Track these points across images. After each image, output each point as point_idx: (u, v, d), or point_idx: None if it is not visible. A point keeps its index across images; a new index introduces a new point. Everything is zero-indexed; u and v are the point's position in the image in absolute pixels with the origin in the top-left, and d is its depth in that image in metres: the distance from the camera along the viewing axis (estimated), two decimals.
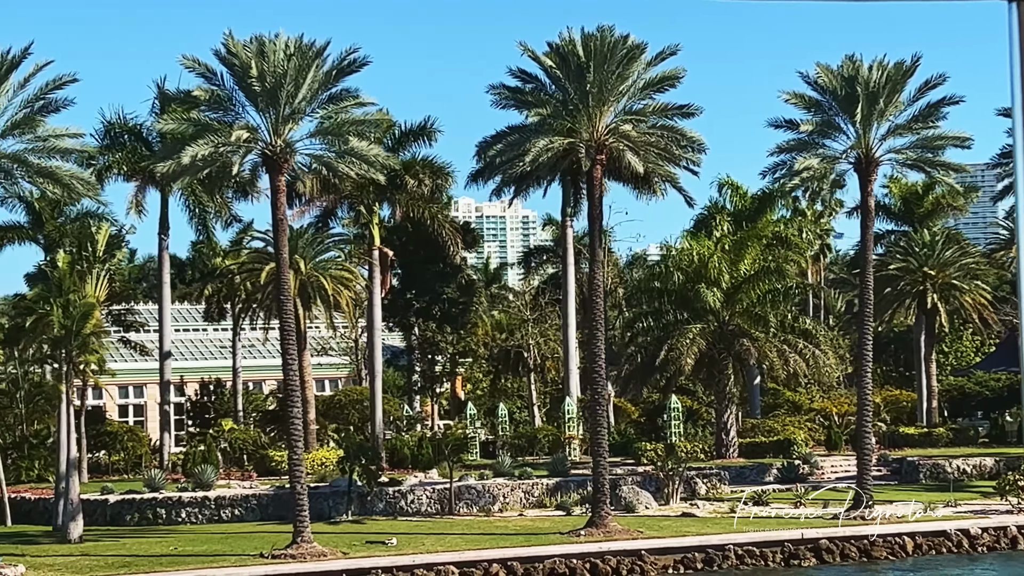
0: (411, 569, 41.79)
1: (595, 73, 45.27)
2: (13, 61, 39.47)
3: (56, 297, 48.48)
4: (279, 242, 43.46)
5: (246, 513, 53.01)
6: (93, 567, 41.18)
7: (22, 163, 39.72)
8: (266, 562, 41.90)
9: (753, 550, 45.13)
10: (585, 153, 45.52)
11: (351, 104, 43.42)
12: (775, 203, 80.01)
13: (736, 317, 63.65)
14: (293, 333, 43.83)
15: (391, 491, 53.74)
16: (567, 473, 57.50)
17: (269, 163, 42.94)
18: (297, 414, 43.73)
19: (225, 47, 42.46)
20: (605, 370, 47.73)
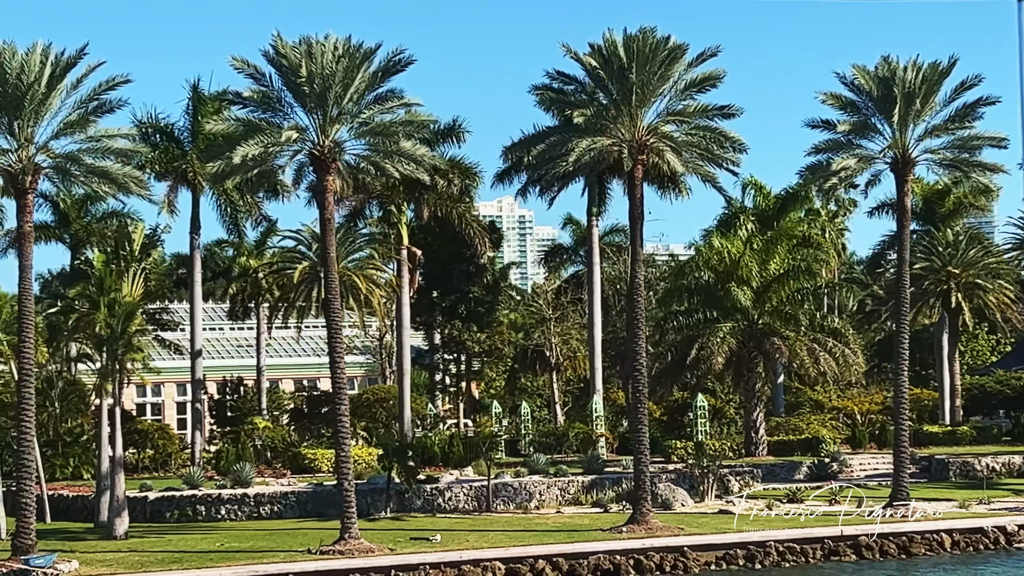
0: (458, 565, 42.15)
1: (637, 74, 45.68)
2: (69, 62, 39.85)
3: (98, 296, 48.83)
4: (327, 241, 43.85)
5: (285, 510, 53.42)
6: (145, 563, 41.57)
7: (78, 162, 40.14)
8: (315, 558, 42.28)
9: (794, 547, 45.49)
10: (628, 153, 45.91)
11: (396, 104, 43.80)
12: (799, 203, 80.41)
13: (765, 316, 64.08)
14: (341, 331, 44.17)
15: (428, 488, 54.15)
16: (601, 470, 57.95)
17: (317, 163, 43.34)
18: (345, 412, 44.18)
19: (274, 48, 42.86)
20: (644, 368, 48.02)
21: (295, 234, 67.58)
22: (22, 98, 39.47)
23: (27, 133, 39.92)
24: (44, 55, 39.90)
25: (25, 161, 39.91)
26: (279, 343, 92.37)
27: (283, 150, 42.91)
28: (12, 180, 40.15)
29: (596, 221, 77.29)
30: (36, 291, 68.16)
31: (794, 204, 79.90)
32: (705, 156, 46.55)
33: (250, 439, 64.70)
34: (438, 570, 41.80)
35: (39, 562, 39.10)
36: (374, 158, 43.32)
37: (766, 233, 71.44)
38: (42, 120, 40.26)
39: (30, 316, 40.59)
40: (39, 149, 40.26)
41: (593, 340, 76.37)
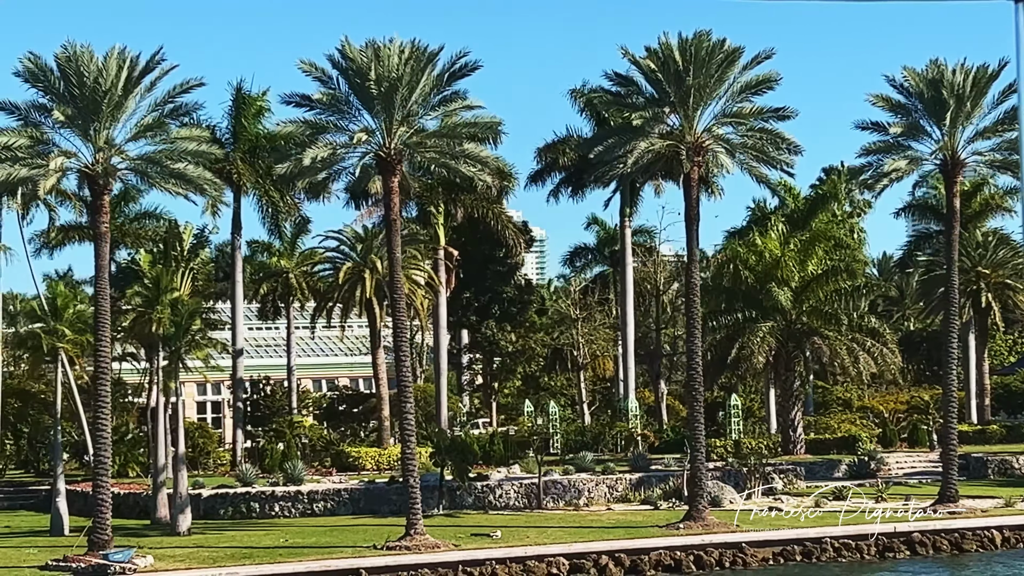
0: (523, 560, 42.82)
1: (694, 77, 46.37)
2: (147, 66, 40.48)
3: (155, 295, 49.45)
4: (392, 242, 44.49)
5: (338, 507, 54.09)
6: (216, 558, 42.21)
7: (157, 164, 40.80)
8: (382, 553, 42.94)
9: (849, 543, 46.19)
10: (686, 155, 46.61)
11: (460, 107, 44.48)
12: (828, 204, 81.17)
13: (804, 315, 64.79)
14: (407, 331, 44.79)
15: (479, 486, 54.85)
16: (647, 468, 58.66)
17: (383, 165, 44.00)
18: (410, 409, 44.73)
19: (341, 52, 43.52)
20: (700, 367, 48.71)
21: (337, 234, 68.27)
22: (100, 101, 40.12)
23: (104, 135, 40.56)
24: (120, 59, 40.56)
25: (102, 163, 40.56)
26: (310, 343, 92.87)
27: (350, 152, 43.55)
28: (89, 181, 40.82)
29: (628, 222, 78.25)
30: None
31: (823, 205, 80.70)
32: (760, 158, 47.22)
33: (296, 438, 65.26)
34: (504, 565, 42.46)
35: (118, 557, 39.74)
36: (442, 160, 43.99)
37: (796, 234, 72.15)
38: (117, 123, 40.90)
39: (106, 315, 41.23)
40: (115, 151, 40.88)
41: (626, 340, 77.20)
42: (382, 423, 66.50)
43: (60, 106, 39.89)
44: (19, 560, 42.76)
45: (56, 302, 49.04)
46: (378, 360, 67.04)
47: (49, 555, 43.12)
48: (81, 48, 40.17)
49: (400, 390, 45.32)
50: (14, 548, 45.85)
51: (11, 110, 41.16)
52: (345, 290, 66.12)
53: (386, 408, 66.58)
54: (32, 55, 40.49)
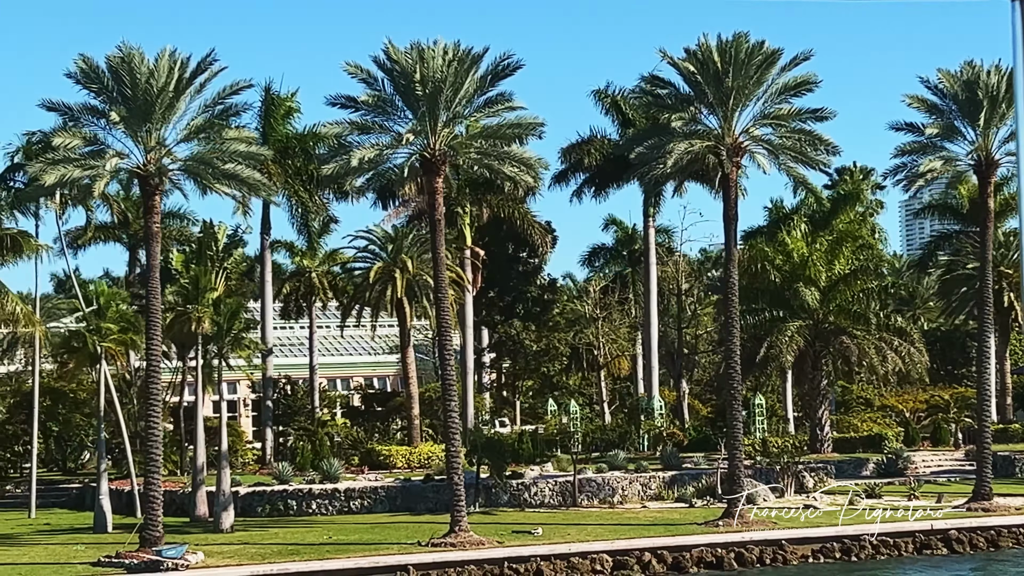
0: (567, 557, 43.23)
1: (733, 78, 46.82)
2: (198, 67, 40.92)
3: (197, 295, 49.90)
4: (436, 242, 44.94)
5: (374, 504, 54.54)
6: (264, 554, 42.63)
7: (210, 165, 41.22)
8: (428, 550, 43.36)
9: (887, 540, 46.63)
10: (726, 156, 47.04)
11: (503, 108, 44.91)
12: (851, 204, 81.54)
13: (831, 315, 65.24)
14: (451, 329, 45.21)
15: (515, 484, 55.27)
16: (679, 467, 59.10)
17: (427, 165, 44.44)
18: (454, 408, 45.19)
19: (386, 53, 43.99)
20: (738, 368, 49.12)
21: (367, 234, 68.69)
22: (152, 103, 40.56)
23: (156, 137, 41.01)
24: (171, 61, 40.99)
25: (155, 164, 40.99)
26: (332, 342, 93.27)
27: (395, 153, 44.01)
28: (141, 182, 41.25)
29: (652, 222, 78.65)
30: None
31: (845, 205, 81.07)
32: (799, 158, 47.65)
33: (329, 437, 65.68)
34: (548, 562, 42.87)
35: (171, 553, 40.17)
36: (486, 161, 44.44)
37: (820, 234, 72.59)
38: (168, 124, 41.34)
39: (157, 314, 41.66)
40: (166, 152, 41.33)
41: (649, 339, 77.60)
42: (412, 422, 66.91)
43: (116, 107, 40.29)
44: (68, 556, 43.19)
45: (101, 301, 49.38)
46: (408, 359, 67.44)
47: (97, 552, 43.59)
48: (133, 50, 40.58)
49: (444, 389, 45.74)
50: (61, 545, 46.33)
51: (64, 111, 41.59)
52: (376, 290, 66.49)
53: (416, 407, 67.00)
54: (84, 57, 40.96)
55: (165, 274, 75.28)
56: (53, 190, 41.47)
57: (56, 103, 41.44)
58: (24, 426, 68.53)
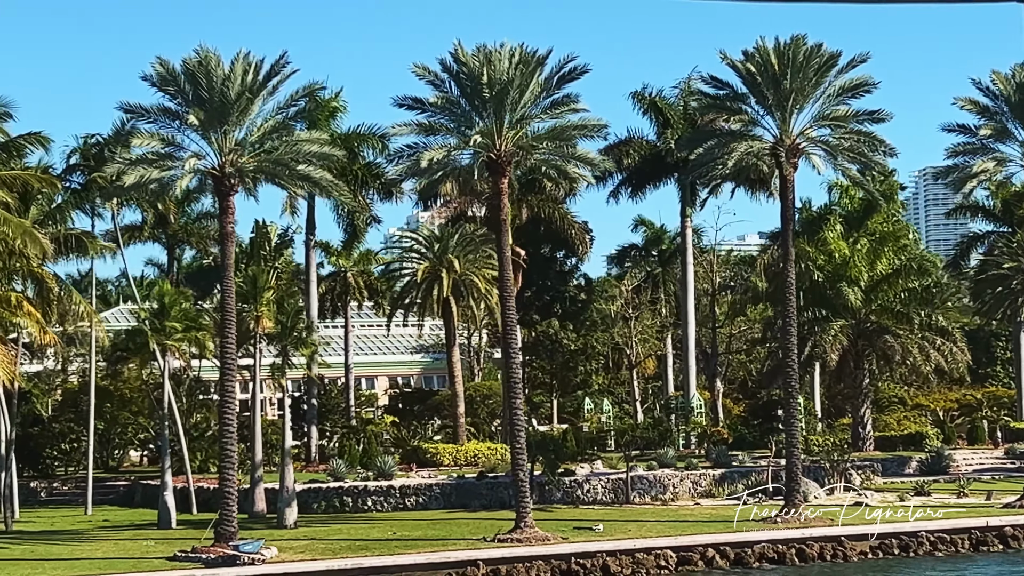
0: (632, 553, 43.83)
1: (791, 80, 47.41)
2: (272, 70, 41.54)
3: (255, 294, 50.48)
4: (501, 242, 45.56)
5: (429, 501, 55.17)
6: (335, 549, 43.24)
7: (286, 166, 41.84)
8: (496, 545, 43.94)
9: (944, 536, 47.19)
10: (785, 157, 47.65)
11: (567, 110, 45.50)
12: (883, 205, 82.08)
13: (873, 314, 65.83)
14: (515, 328, 45.82)
15: (567, 481, 55.88)
16: (728, 464, 59.69)
17: (492, 166, 45.05)
18: (520, 405, 45.79)
19: (453, 56, 44.60)
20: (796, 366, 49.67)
21: (413, 234, 69.27)
22: (228, 105, 41.18)
23: (232, 138, 41.64)
24: (246, 63, 41.62)
25: (230, 165, 41.63)
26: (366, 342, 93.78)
27: (462, 154, 44.63)
28: (216, 182, 41.88)
29: (689, 222, 79.24)
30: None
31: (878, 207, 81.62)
32: (857, 160, 48.23)
33: (377, 435, 66.27)
34: (614, 558, 43.42)
35: (248, 548, 40.81)
36: (553, 161, 45.05)
37: (855, 234, 73.16)
38: (242, 126, 41.96)
39: (231, 313, 42.27)
40: (241, 154, 41.94)
41: (687, 338, 78.18)
42: (457, 420, 67.50)
43: (195, 109, 40.92)
44: (141, 551, 43.80)
45: (164, 300, 50.03)
46: (453, 358, 68.05)
47: (167, 547, 44.23)
48: (210, 53, 41.22)
49: (509, 387, 46.37)
50: (129, 540, 46.95)
51: (141, 113, 42.22)
52: (423, 289, 67.09)
53: (461, 405, 67.61)
54: (161, 60, 41.58)
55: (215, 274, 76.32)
56: (132, 190, 42.06)
57: (133, 105, 42.11)
58: (71, 424, 69.30)
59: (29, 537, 48.94)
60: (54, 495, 65.85)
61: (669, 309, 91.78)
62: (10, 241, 46.88)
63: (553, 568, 42.66)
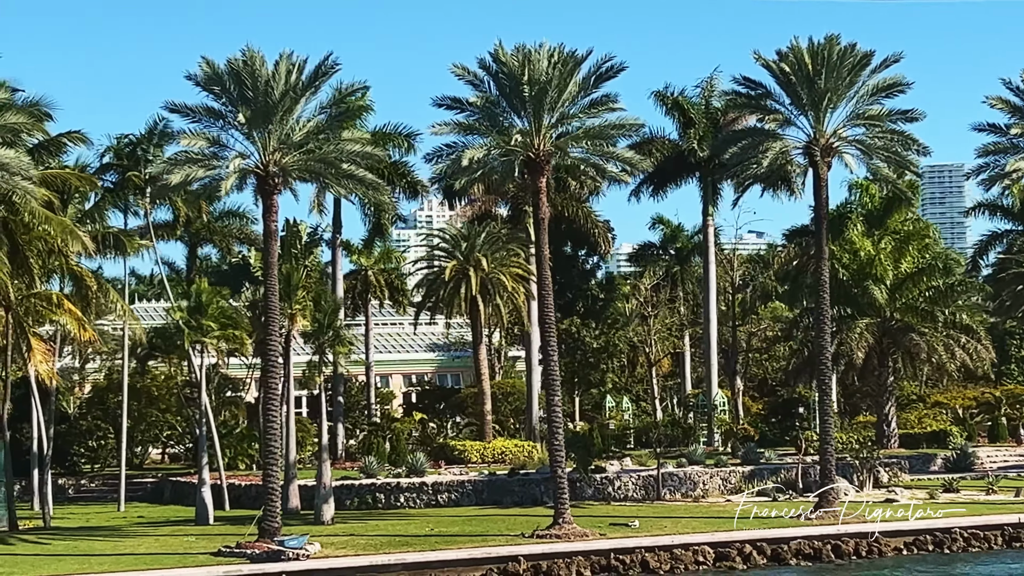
0: (670, 549, 44.17)
1: (825, 80, 47.77)
2: (316, 70, 41.88)
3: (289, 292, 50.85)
4: (540, 240, 45.89)
5: (461, 498, 55.53)
6: (377, 545, 43.60)
7: (331, 166, 42.19)
8: (535, 541, 44.31)
9: (978, 533, 47.53)
10: (820, 156, 47.99)
11: (604, 109, 45.86)
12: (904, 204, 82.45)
13: (898, 312, 66.21)
14: (553, 326, 46.18)
15: (598, 478, 56.25)
16: (757, 461, 60.04)
17: (531, 166, 45.40)
18: (558, 403, 46.12)
19: (493, 56, 44.96)
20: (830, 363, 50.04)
21: (440, 233, 69.63)
22: (272, 105, 41.53)
23: (277, 138, 41.99)
24: (290, 63, 41.97)
25: (275, 164, 41.99)
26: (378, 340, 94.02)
27: (503, 153, 44.97)
28: (260, 182, 42.25)
29: (711, 220, 79.53)
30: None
31: (899, 205, 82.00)
32: (891, 159, 48.58)
33: (407, 433, 66.61)
34: (652, 554, 43.78)
35: (293, 543, 41.17)
36: (592, 160, 45.42)
37: (876, 232, 73.52)
38: (287, 125, 42.31)
39: (275, 311, 42.63)
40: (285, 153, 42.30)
41: (709, 336, 78.43)
42: (484, 417, 67.84)
43: (242, 109, 41.27)
44: (184, 547, 44.17)
45: (202, 298, 50.39)
46: (480, 356, 68.40)
47: (207, 543, 44.63)
48: (255, 53, 41.57)
49: (548, 385, 46.72)
50: (169, 536, 47.33)
51: (185, 113, 42.59)
52: (450, 288, 67.41)
53: (488, 403, 67.96)
54: (207, 60, 41.94)
55: (245, 272, 76.80)
56: (179, 189, 42.42)
57: (179, 105, 42.44)
58: (98, 421, 69.69)
59: (68, 533, 49.35)
60: (82, 492, 66.25)
61: (687, 307, 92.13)
62: (50, 239, 47.26)
63: (592, 564, 42.97)
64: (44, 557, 42.65)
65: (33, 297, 48.42)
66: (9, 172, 38.45)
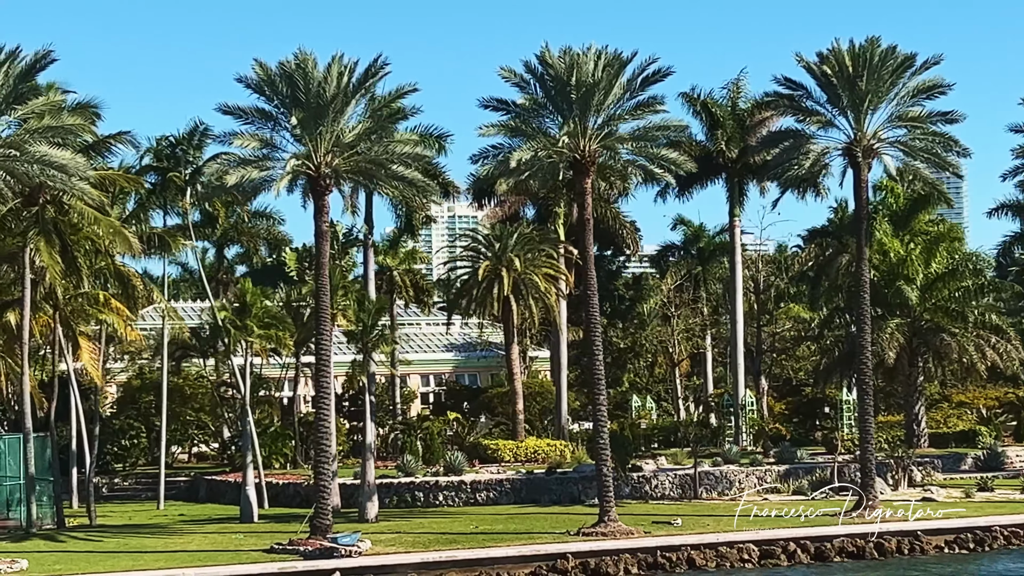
0: (715, 546, 44.60)
1: (867, 82, 48.16)
2: (367, 72, 42.30)
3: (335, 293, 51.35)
4: (586, 241, 46.32)
5: (500, 496, 55.93)
6: (426, 542, 44.01)
7: (382, 167, 42.62)
8: (582, 539, 44.73)
9: (1017, 531, 47.91)
10: (861, 156, 48.40)
11: (648, 111, 46.29)
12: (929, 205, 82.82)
13: (928, 312, 66.60)
14: (599, 326, 46.59)
15: (635, 477, 56.65)
16: (791, 460, 60.40)
17: (576, 167, 45.86)
18: (603, 401, 46.54)
19: (539, 58, 45.38)
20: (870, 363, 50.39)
21: (472, 233, 70.01)
22: (325, 107, 41.97)
23: (329, 139, 42.41)
24: (341, 66, 42.40)
25: (327, 165, 42.41)
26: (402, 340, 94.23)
27: (549, 155, 45.38)
28: (311, 183, 42.68)
29: (738, 222, 79.90)
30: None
31: (924, 205, 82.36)
32: (932, 160, 48.96)
33: (443, 432, 66.98)
34: (698, 551, 44.22)
35: (346, 540, 41.61)
36: (638, 162, 45.86)
37: (898, 233, 73.87)
38: (338, 126, 42.73)
39: (327, 310, 43.05)
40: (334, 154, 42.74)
41: (735, 336, 78.74)
42: (516, 416, 68.21)
43: (296, 111, 41.69)
44: (233, 544, 44.60)
45: (246, 298, 50.82)
46: (512, 355, 68.79)
47: (256, 540, 45.12)
48: (307, 56, 42.01)
49: (592, 384, 47.16)
50: (217, 534, 47.78)
51: (237, 114, 43.02)
52: (483, 287, 67.78)
53: (520, 402, 68.32)
54: (259, 63, 42.38)
55: (279, 272, 77.26)
56: (234, 190, 42.85)
57: (231, 107, 42.87)
58: (130, 421, 70.16)
59: (115, 531, 49.79)
60: (115, 491, 66.74)
61: (710, 308, 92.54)
62: (98, 240, 47.72)
63: (639, 561, 43.43)
64: (98, 554, 43.10)
65: (80, 297, 48.85)
66: (67, 173, 38.85)
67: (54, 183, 39.26)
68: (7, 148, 38.30)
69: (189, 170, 56.42)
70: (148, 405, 70.39)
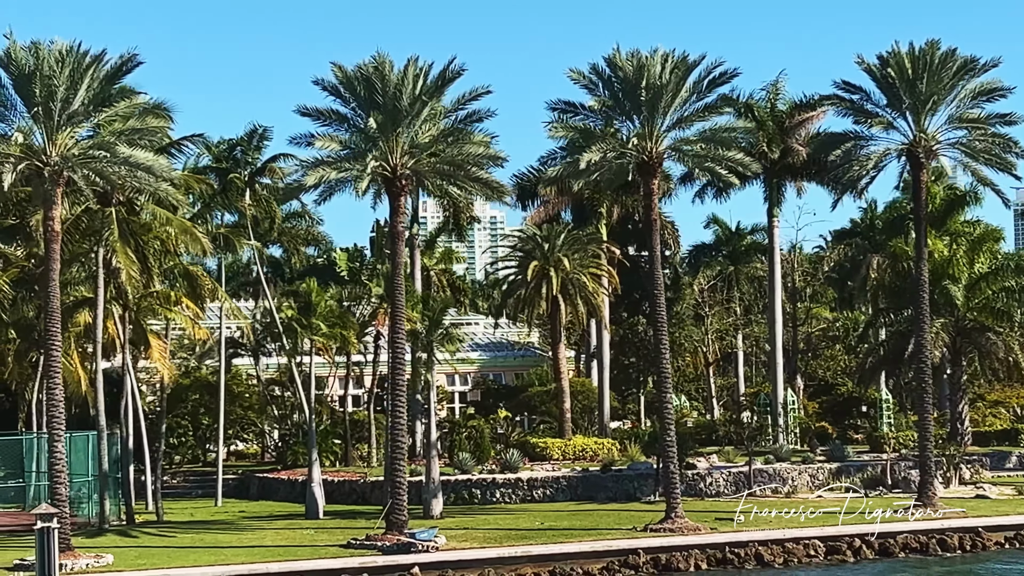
0: (782, 543, 45.25)
1: (927, 85, 48.79)
2: (442, 74, 42.93)
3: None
4: (652, 241, 46.97)
5: (556, 493, 56.60)
6: (497, 538, 44.64)
7: (460, 168, 43.28)
8: (649, 535, 45.39)
9: None
10: (923, 157, 49.04)
11: (714, 113, 46.93)
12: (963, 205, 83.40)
13: (973, 312, 67.20)
14: (664, 325, 47.19)
15: (690, 474, 57.26)
16: (843, 458, 61.00)
17: (643, 168, 46.50)
18: (670, 399, 47.18)
19: (608, 61, 46.04)
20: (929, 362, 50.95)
21: (518, 233, 70.63)
22: (401, 109, 42.60)
23: (406, 140, 43.07)
24: (416, 69, 43.02)
25: (403, 166, 43.06)
26: None
27: (619, 156, 46.04)
28: (387, 184, 43.32)
29: (777, 222, 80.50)
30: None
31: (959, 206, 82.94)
32: (992, 162, 49.58)
33: (491, 430, 67.57)
34: (766, 547, 44.85)
35: (424, 536, 42.29)
36: (706, 164, 46.49)
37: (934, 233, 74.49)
38: (413, 128, 43.39)
39: (401, 309, 43.69)
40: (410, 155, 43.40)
41: (774, 336, 79.36)
42: (564, 415, 68.77)
43: (374, 113, 42.34)
44: (307, 540, 45.26)
45: (311, 298, 51.47)
46: (560, 354, 69.36)
47: (327, 536, 45.80)
48: (384, 59, 42.65)
49: (659, 383, 47.81)
50: (288, 530, 48.43)
51: (316, 116, 43.70)
52: (531, 287, 68.34)
53: (567, 401, 68.89)
54: (338, 66, 43.02)
55: (329, 272, 77.85)
56: (313, 190, 43.48)
57: (310, 109, 43.54)
58: (178, 419, 70.79)
59: (184, 527, 50.42)
60: (165, 488, 67.25)
61: (742, 307, 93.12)
62: (167, 240, 48.40)
63: (709, 557, 44.10)
64: (176, 550, 43.75)
65: (151, 296, 49.53)
66: (154, 175, 39.52)
67: (140, 184, 39.92)
68: (97, 150, 38.91)
69: (248, 171, 57.07)
70: (196, 404, 71.02)
